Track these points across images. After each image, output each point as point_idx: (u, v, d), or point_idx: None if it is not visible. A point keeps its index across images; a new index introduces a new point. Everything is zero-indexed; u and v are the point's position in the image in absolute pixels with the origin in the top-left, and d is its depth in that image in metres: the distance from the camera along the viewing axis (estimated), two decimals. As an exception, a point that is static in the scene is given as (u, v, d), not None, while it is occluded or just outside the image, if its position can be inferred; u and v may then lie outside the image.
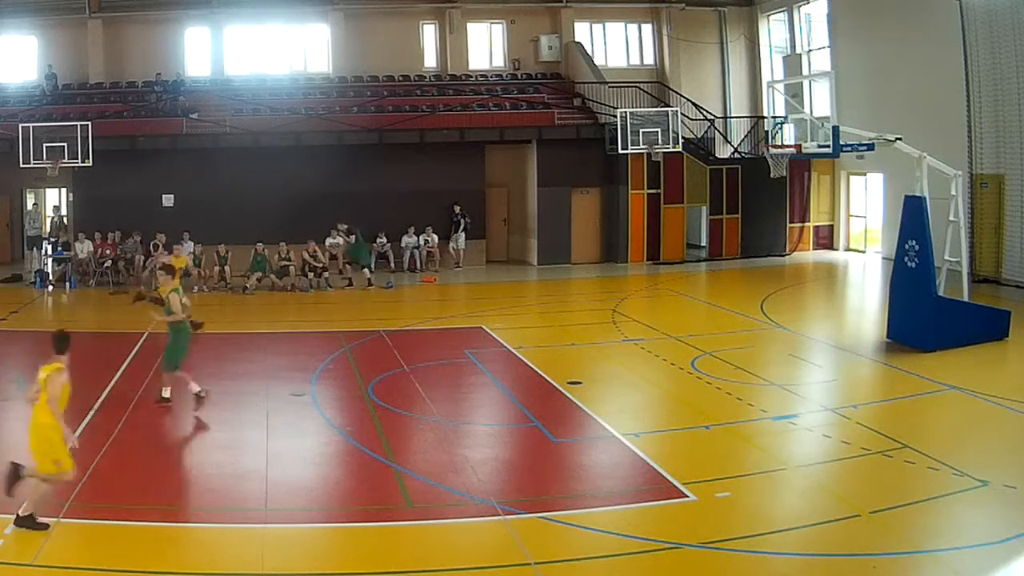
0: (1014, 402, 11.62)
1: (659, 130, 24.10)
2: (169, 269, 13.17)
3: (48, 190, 26.45)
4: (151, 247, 22.93)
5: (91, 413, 11.45)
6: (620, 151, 24.18)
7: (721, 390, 12.64)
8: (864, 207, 26.97)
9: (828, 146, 15.86)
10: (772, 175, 18.06)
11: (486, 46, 29.83)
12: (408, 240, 24.61)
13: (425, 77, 28.81)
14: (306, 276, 22.12)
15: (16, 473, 8.01)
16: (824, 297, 21.32)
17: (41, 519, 7.98)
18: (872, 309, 18.99)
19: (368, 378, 13.40)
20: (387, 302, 20.74)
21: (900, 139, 15.23)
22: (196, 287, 22.00)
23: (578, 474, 10.01)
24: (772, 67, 30.37)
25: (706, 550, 7.71)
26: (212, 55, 28.14)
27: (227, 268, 22.21)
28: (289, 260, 22.25)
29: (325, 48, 28.88)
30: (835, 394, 12.62)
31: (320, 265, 22.32)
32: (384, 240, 24.58)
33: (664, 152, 24.55)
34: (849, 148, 16.09)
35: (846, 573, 7.42)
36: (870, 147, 15.68)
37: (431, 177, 25.14)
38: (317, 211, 23.63)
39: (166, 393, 12.08)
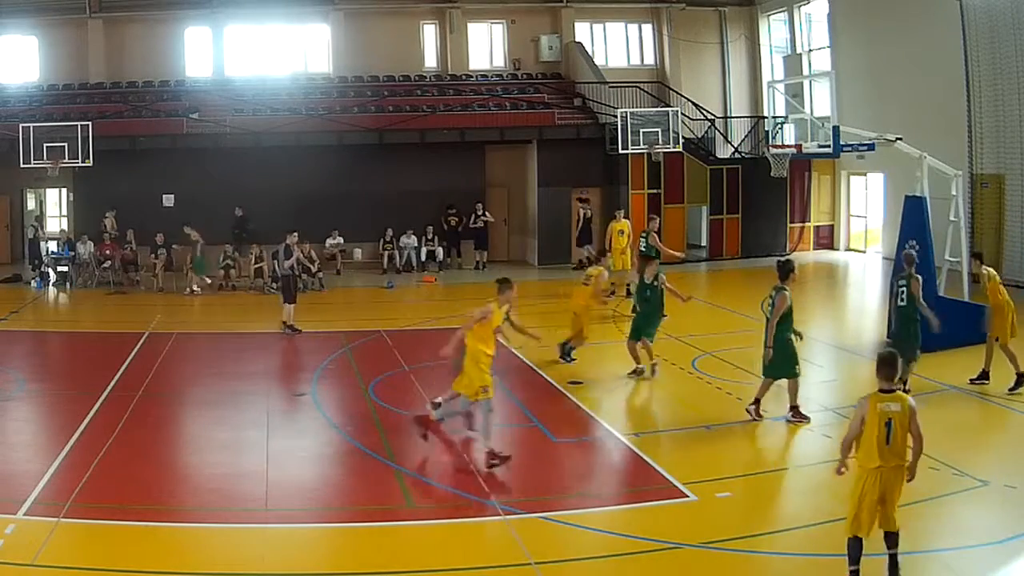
0: (1014, 402, 11.63)
1: (659, 130, 24.03)
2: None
3: (48, 190, 26.45)
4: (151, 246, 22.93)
5: (91, 413, 11.46)
6: (620, 151, 24.12)
7: (721, 390, 12.64)
8: (864, 207, 26.95)
9: (828, 146, 15.87)
10: (772, 175, 18.04)
11: (486, 46, 29.79)
12: (407, 241, 24.59)
13: (425, 77, 28.77)
14: (299, 278, 22.04)
15: None
16: (824, 297, 21.25)
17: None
18: (872, 309, 18.97)
19: (368, 378, 13.40)
20: (387, 302, 20.74)
21: (900, 139, 15.22)
22: (196, 287, 21.99)
23: (578, 474, 10.01)
24: (772, 67, 30.34)
25: (706, 550, 7.71)
26: (212, 55, 28.13)
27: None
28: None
29: (325, 48, 28.85)
30: (835, 394, 12.61)
31: (313, 267, 22.23)
32: (384, 240, 24.54)
33: (664, 152, 24.51)
34: (849, 148, 16.09)
35: (846, 573, 7.41)
36: (870, 147, 15.68)
37: (431, 177, 25.13)
38: (317, 211, 23.60)
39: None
